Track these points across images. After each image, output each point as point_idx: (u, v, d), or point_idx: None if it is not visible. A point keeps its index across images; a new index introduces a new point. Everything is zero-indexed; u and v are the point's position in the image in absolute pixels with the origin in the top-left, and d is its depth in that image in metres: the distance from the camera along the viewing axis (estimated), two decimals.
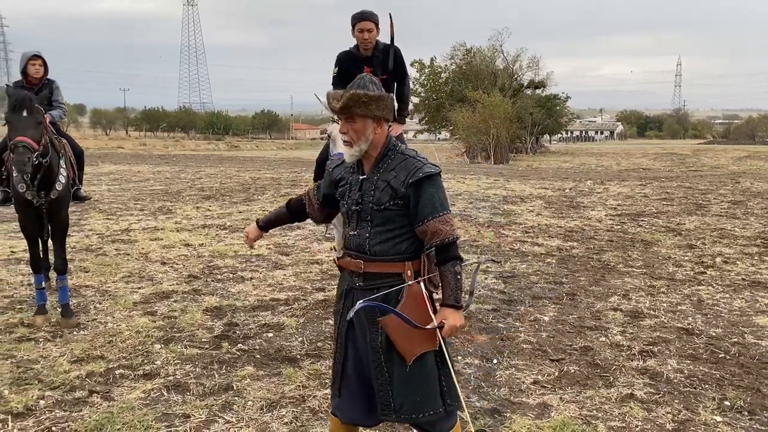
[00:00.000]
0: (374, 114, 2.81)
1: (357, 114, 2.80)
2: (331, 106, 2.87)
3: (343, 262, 2.97)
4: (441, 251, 2.81)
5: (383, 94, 2.85)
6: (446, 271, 2.81)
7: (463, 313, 2.85)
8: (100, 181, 18.35)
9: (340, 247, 3.33)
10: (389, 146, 2.91)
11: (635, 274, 7.68)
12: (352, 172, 2.96)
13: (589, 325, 5.80)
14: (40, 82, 5.93)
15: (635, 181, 19.77)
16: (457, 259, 2.84)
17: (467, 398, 4.24)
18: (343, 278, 3.01)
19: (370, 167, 2.90)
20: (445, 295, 2.82)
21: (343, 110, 2.81)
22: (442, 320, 2.79)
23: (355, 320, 2.89)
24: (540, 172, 25.39)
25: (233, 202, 13.84)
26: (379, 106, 2.82)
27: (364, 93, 2.79)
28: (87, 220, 11.05)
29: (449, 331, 2.80)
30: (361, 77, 2.89)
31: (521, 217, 12.21)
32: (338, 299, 3.04)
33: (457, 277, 2.82)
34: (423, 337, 2.77)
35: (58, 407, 4.05)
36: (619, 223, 11.55)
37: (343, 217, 3.01)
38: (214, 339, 5.33)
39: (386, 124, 2.91)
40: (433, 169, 2.85)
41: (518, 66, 50.48)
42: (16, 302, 6.24)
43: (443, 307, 2.82)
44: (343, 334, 2.97)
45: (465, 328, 5.61)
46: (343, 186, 2.98)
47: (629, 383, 4.51)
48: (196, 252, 8.66)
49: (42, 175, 5.27)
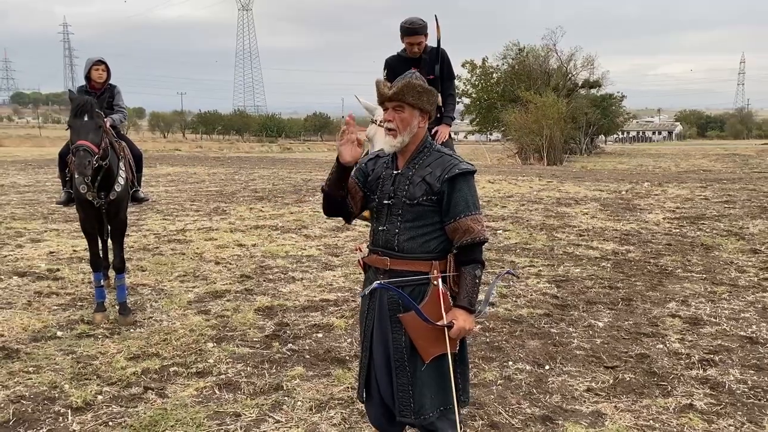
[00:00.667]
0: (423, 106, 2.82)
1: (408, 103, 2.79)
2: (382, 92, 2.85)
3: (369, 259, 2.94)
4: (467, 251, 2.79)
5: (433, 90, 2.87)
6: (466, 273, 2.80)
7: (474, 318, 2.82)
8: (158, 182, 18.88)
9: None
10: (425, 143, 2.91)
11: (695, 280, 7.42)
12: (385, 167, 2.94)
13: (645, 331, 5.62)
14: (102, 86, 6.13)
15: (695, 182, 19.12)
16: (480, 263, 2.83)
17: (518, 404, 4.17)
18: (368, 279, 2.97)
19: (404, 162, 2.89)
20: (460, 296, 2.80)
21: (396, 97, 2.80)
22: (452, 320, 2.76)
23: (378, 321, 2.89)
24: (595, 173, 24.84)
25: (285, 204, 14.02)
26: (429, 100, 2.84)
27: (419, 83, 2.80)
28: (145, 221, 11.37)
29: (457, 332, 2.76)
30: (412, 72, 2.89)
31: (575, 219, 11.96)
32: (363, 300, 3.01)
33: (476, 281, 2.81)
34: (440, 337, 2.76)
35: (115, 402, 4.16)
36: (677, 226, 11.18)
37: (372, 213, 2.97)
38: (265, 338, 5.40)
39: (428, 121, 2.90)
40: (469, 167, 2.84)
41: (572, 65, 49.56)
42: (78, 300, 6.46)
43: (455, 308, 2.79)
44: (369, 336, 2.95)
45: (516, 333, 5.53)
46: (374, 180, 2.95)
47: (688, 393, 4.35)
48: (249, 252, 8.80)
49: (102, 176, 5.45)
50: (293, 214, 12.36)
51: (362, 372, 3.01)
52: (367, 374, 2.98)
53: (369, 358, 2.96)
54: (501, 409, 4.10)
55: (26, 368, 4.68)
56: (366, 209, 3.08)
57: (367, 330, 2.96)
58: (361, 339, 3.03)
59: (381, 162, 2.98)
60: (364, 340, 3.00)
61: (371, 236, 2.97)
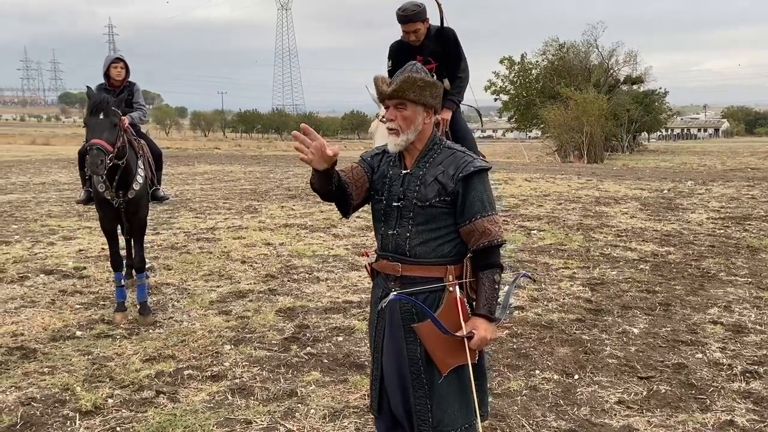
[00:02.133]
0: (427, 101, 2.61)
1: (410, 99, 2.58)
2: (380, 90, 2.64)
3: (378, 265, 2.73)
4: (484, 255, 2.59)
5: (437, 82, 2.66)
6: (485, 278, 2.60)
7: (494, 327, 2.61)
8: (195, 180, 19.03)
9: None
10: (435, 140, 2.70)
11: (739, 284, 7.02)
12: (392, 166, 2.72)
13: (684, 339, 5.30)
14: (121, 84, 6.07)
15: (742, 181, 18.39)
16: (498, 267, 2.62)
17: (543, 417, 3.93)
18: (377, 285, 2.77)
19: (413, 161, 2.68)
20: (479, 304, 2.60)
21: (396, 94, 2.59)
22: (472, 330, 2.56)
23: (390, 330, 2.69)
24: (636, 171, 24.14)
25: (316, 202, 13.91)
26: (432, 94, 2.62)
27: (420, 77, 2.59)
28: (177, 219, 11.40)
29: (478, 342, 2.57)
30: (413, 64, 2.68)
31: (614, 219, 11.55)
32: (372, 308, 2.81)
33: (495, 287, 2.61)
34: (458, 348, 2.57)
35: (125, 407, 4.07)
36: (722, 227, 10.69)
37: (377, 215, 2.74)
38: (283, 341, 5.26)
39: (434, 115, 2.69)
40: (484, 164, 2.63)
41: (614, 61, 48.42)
42: (101, 299, 6.43)
43: (475, 317, 2.60)
44: (380, 346, 2.75)
45: (546, 339, 5.27)
46: (380, 178, 2.73)
47: (729, 408, 4.03)
48: (276, 251, 8.70)
49: (120, 175, 5.38)
50: (323, 213, 12.24)
51: (374, 384, 2.82)
52: (380, 387, 2.80)
53: (381, 371, 2.77)
54: (524, 421, 3.87)
55: (41, 369, 4.63)
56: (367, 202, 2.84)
57: (378, 340, 2.77)
58: (371, 350, 2.85)
59: (386, 159, 2.76)
60: (374, 351, 2.81)
61: (379, 240, 2.75)
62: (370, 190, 2.75)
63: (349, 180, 2.70)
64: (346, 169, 2.74)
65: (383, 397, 2.79)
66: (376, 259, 2.78)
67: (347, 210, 2.77)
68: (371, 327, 2.85)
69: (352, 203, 2.73)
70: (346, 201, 2.71)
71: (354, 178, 2.71)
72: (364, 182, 2.73)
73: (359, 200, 2.75)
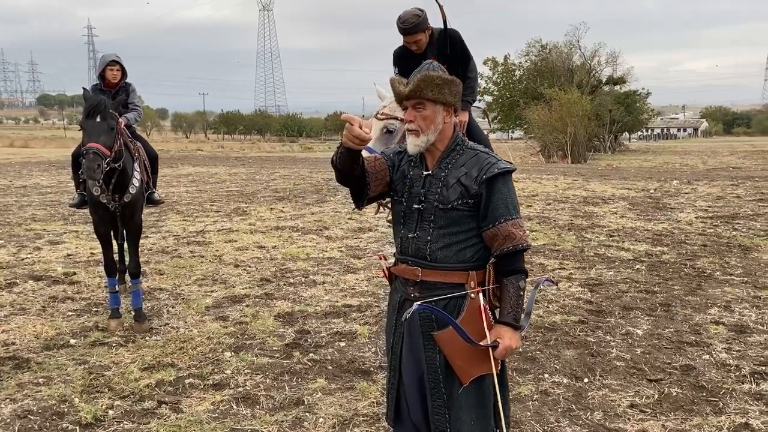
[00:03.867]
0: (446, 99, 2.52)
1: (428, 98, 2.50)
2: (397, 90, 2.56)
3: (397, 269, 2.65)
4: (508, 260, 2.51)
5: (455, 79, 2.56)
6: (509, 285, 2.51)
7: (519, 335, 2.53)
8: (179, 182, 18.79)
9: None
10: (457, 140, 2.61)
11: (735, 283, 7.03)
12: (413, 166, 2.64)
13: (688, 340, 5.27)
14: (117, 85, 5.92)
15: (725, 180, 18.55)
16: (523, 273, 2.54)
17: (557, 422, 3.87)
18: (396, 290, 2.70)
19: (434, 162, 2.59)
20: (504, 311, 2.51)
21: (414, 94, 2.51)
22: (496, 339, 2.47)
23: (408, 337, 2.61)
24: (621, 171, 24.27)
25: (306, 204, 13.80)
26: (451, 91, 2.53)
27: (437, 75, 2.50)
28: (164, 222, 11.21)
29: (503, 352, 2.48)
30: (429, 62, 2.60)
31: (604, 219, 11.57)
32: (390, 313, 2.73)
33: (520, 293, 2.52)
34: (481, 357, 2.48)
35: (127, 418, 3.94)
36: (711, 226, 10.75)
37: (397, 217, 2.66)
38: (285, 347, 5.15)
39: (454, 114, 2.60)
40: (508, 166, 2.56)
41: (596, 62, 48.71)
42: (93, 305, 6.27)
43: (499, 325, 2.51)
44: (398, 353, 2.67)
45: (551, 342, 5.22)
46: (400, 179, 2.64)
47: (742, 410, 4.00)
48: (269, 254, 8.57)
49: (116, 178, 5.23)
50: (314, 215, 12.13)
51: (391, 393, 2.73)
52: (397, 395, 2.71)
53: (398, 378, 2.68)
54: (539, 427, 3.80)
55: (36, 379, 4.48)
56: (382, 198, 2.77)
57: (396, 347, 2.68)
58: (389, 357, 2.75)
59: (407, 159, 2.67)
60: (392, 358, 2.71)
61: (398, 244, 2.66)
62: (389, 185, 2.68)
63: (371, 170, 2.63)
64: (369, 159, 2.68)
65: (401, 406, 2.71)
66: (394, 262, 2.70)
67: (362, 199, 2.69)
68: (389, 333, 2.76)
69: (368, 194, 2.66)
70: (363, 190, 2.64)
71: (376, 169, 2.64)
72: (385, 175, 2.66)
73: (375, 193, 2.68)
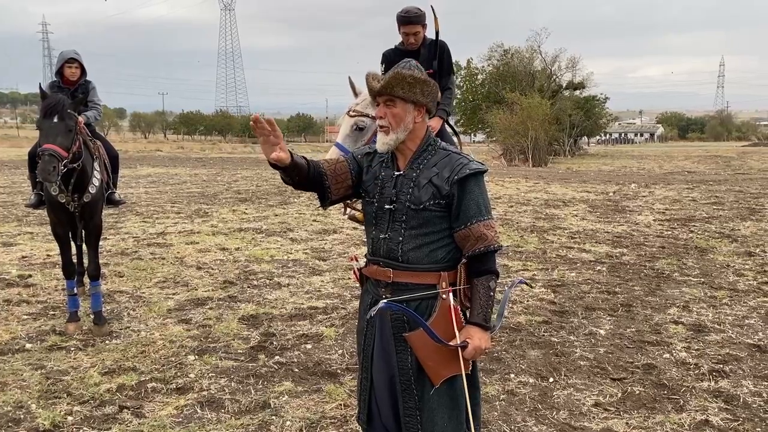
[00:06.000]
0: (417, 99, 2.51)
1: (399, 96, 2.50)
2: (370, 86, 2.56)
3: (368, 270, 2.62)
4: (480, 261, 2.51)
5: (429, 80, 2.56)
6: (479, 285, 2.51)
7: (489, 335, 2.54)
8: (138, 183, 18.42)
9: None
10: (429, 141, 2.61)
11: (693, 284, 7.21)
12: (384, 167, 2.63)
13: (649, 339, 5.38)
14: (76, 83, 5.76)
15: (681, 184, 19.06)
16: (494, 274, 2.54)
17: (524, 422, 3.90)
18: (366, 291, 2.67)
19: (406, 162, 2.59)
20: (474, 312, 2.51)
21: (385, 90, 2.50)
22: (466, 339, 2.48)
23: (380, 339, 2.59)
24: (580, 174, 24.73)
25: (269, 205, 13.67)
26: (423, 91, 2.52)
27: (410, 74, 2.50)
28: (123, 223, 10.97)
29: (472, 352, 2.48)
30: (407, 61, 2.60)
31: (565, 221, 11.76)
32: (361, 315, 2.70)
33: (490, 294, 2.52)
34: (451, 358, 2.48)
35: (87, 424, 3.82)
36: (669, 228, 11.02)
37: (368, 218, 2.65)
38: (250, 350, 5.07)
39: (427, 115, 2.60)
40: (480, 167, 2.56)
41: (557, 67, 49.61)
42: (50, 308, 6.08)
43: (469, 325, 2.51)
44: (369, 356, 2.64)
45: (516, 342, 5.26)
46: (371, 180, 2.63)
47: (702, 407, 4.09)
48: (232, 256, 8.45)
49: (75, 178, 5.09)
50: (278, 216, 12.02)
51: (363, 394, 2.70)
52: (369, 397, 2.68)
53: (370, 379, 2.66)
54: (506, 427, 3.83)
55: None
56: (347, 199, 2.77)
57: (368, 349, 2.65)
58: (360, 359, 2.72)
59: (377, 159, 2.66)
60: (364, 360, 2.69)
61: (370, 245, 2.64)
62: (353, 187, 2.67)
63: (330, 173, 2.62)
64: (331, 161, 2.67)
65: (373, 408, 2.68)
66: (365, 264, 2.68)
67: (324, 201, 2.69)
68: (360, 335, 2.73)
69: (329, 197, 2.65)
70: (324, 193, 2.64)
71: (336, 172, 2.63)
72: (346, 178, 2.64)
73: (337, 196, 2.67)
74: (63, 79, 5.75)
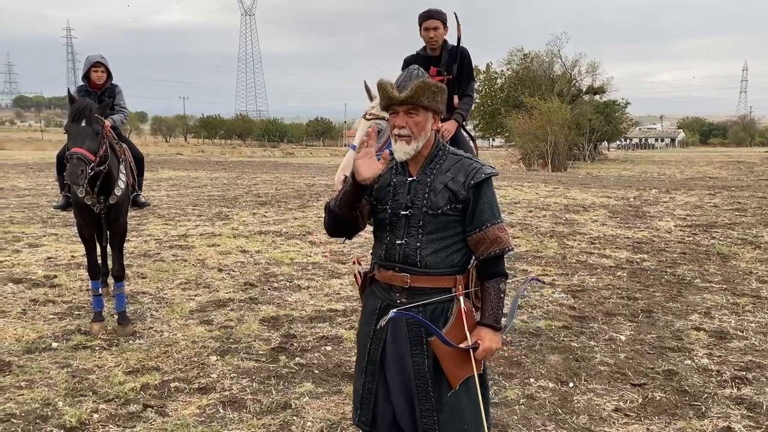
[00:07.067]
0: (438, 107, 2.57)
1: (423, 105, 2.52)
2: (391, 95, 2.54)
3: (383, 276, 2.62)
4: (492, 263, 2.55)
5: (445, 88, 2.60)
6: (490, 288, 2.55)
7: (500, 336, 2.56)
8: (160, 186, 18.63)
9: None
10: (439, 146, 2.65)
11: (715, 290, 7.15)
12: (395, 173, 2.65)
13: (670, 345, 5.35)
14: (103, 87, 5.87)
15: (703, 190, 18.85)
16: (504, 276, 2.58)
17: (543, 426, 3.90)
18: (374, 296, 2.67)
19: (418, 168, 2.61)
20: (485, 313, 2.55)
21: (410, 100, 2.51)
22: (477, 340, 2.50)
23: (393, 344, 2.60)
24: (600, 179, 24.56)
25: (288, 209, 13.76)
26: (442, 99, 2.59)
27: (433, 83, 2.54)
28: (146, 226, 11.11)
29: (483, 353, 2.51)
30: (415, 67, 2.62)
31: (585, 227, 11.69)
32: (367, 320, 2.69)
33: (501, 296, 2.56)
34: (467, 359, 2.51)
35: (112, 422, 3.89)
36: (690, 234, 10.91)
37: (381, 225, 2.64)
38: (271, 351, 5.13)
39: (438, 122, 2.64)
40: (493, 171, 2.61)
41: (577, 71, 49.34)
42: (75, 308, 6.19)
43: (480, 327, 2.54)
44: (377, 361, 2.64)
45: (536, 347, 5.26)
46: (383, 188, 2.64)
47: (724, 414, 4.07)
48: (253, 259, 8.53)
49: (101, 181, 5.18)
50: (297, 220, 12.10)
51: (367, 398, 2.69)
52: (375, 400, 2.67)
53: (377, 383, 2.66)
54: (525, 431, 3.83)
55: (18, 383, 4.41)
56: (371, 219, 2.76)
57: (374, 353, 2.65)
58: (363, 363, 2.70)
59: (387, 167, 2.67)
60: (368, 364, 2.67)
61: (383, 250, 2.63)
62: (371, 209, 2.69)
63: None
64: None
65: (378, 412, 2.67)
66: (374, 268, 2.69)
67: (352, 235, 2.75)
68: (364, 337, 2.71)
69: (360, 227, 2.70)
70: (356, 228, 2.70)
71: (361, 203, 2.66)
72: (364, 204, 2.66)
73: (365, 223, 2.72)
74: (90, 83, 5.87)
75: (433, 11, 4.96)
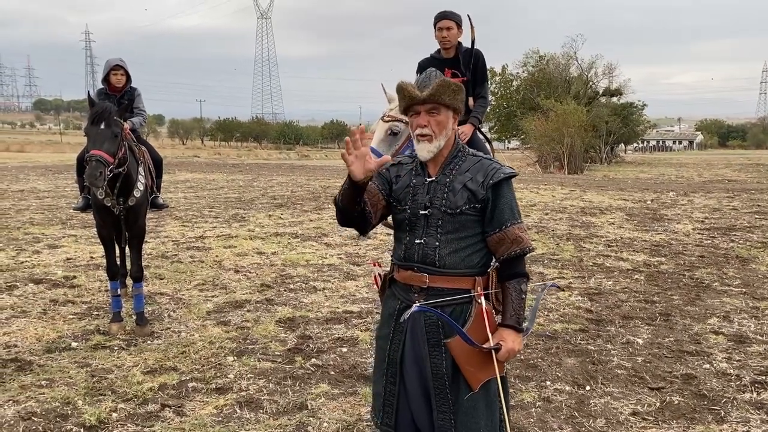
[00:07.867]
0: (458, 106, 2.59)
1: (444, 104, 2.54)
2: (412, 94, 2.56)
3: (402, 276, 2.62)
4: (512, 264, 2.55)
5: (463, 87, 2.62)
6: (511, 288, 2.55)
7: (522, 338, 2.55)
8: (177, 188, 18.79)
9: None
10: (458, 146, 2.66)
11: (734, 294, 7.07)
12: (414, 174, 2.65)
13: (688, 349, 5.30)
14: (122, 90, 5.95)
15: (721, 192, 18.66)
16: (525, 277, 2.58)
17: (560, 429, 3.88)
18: (393, 296, 2.67)
19: (437, 168, 2.62)
20: (506, 315, 2.55)
21: (432, 98, 2.53)
22: (499, 342, 2.50)
23: (411, 344, 2.60)
24: (617, 182, 24.39)
25: (304, 211, 13.82)
26: (462, 99, 2.61)
27: (453, 82, 2.56)
28: (163, 227, 11.21)
29: (506, 354, 2.50)
30: (432, 70, 2.64)
31: (602, 229, 11.62)
32: (386, 322, 2.69)
33: (522, 296, 2.55)
34: (488, 361, 2.50)
35: (131, 421, 3.93)
36: (708, 237, 10.81)
37: (401, 225, 2.64)
38: (287, 352, 5.15)
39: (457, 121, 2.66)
40: (512, 171, 2.60)
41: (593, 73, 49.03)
42: (94, 308, 6.26)
43: (502, 328, 2.54)
44: (396, 362, 2.64)
45: (552, 350, 5.24)
46: (402, 188, 2.65)
47: (744, 419, 4.03)
48: (269, 260, 8.58)
49: (120, 183, 5.25)
50: (313, 222, 12.15)
51: (390, 400, 2.68)
52: (397, 403, 2.67)
53: (399, 384, 2.65)
54: None
55: (39, 381, 4.47)
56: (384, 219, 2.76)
57: (394, 355, 2.65)
58: (383, 365, 2.69)
59: (406, 169, 2.69)
60: (389, 366, 2.66)
61: (402, 250, 2.64)
62: (386, 207, 2.69)
63: (367, 199, 2.62)
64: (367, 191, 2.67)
65: (400, 414, 2.67)
66: (394, 269, 2.69)
67: (365, 229, 2.71)
68: (384, 340, 2.70)
69: (371, 223, 2.67)
70: (367, 223, 2.66)
71: (370, 197, 2.63)
72: (379, 200, 2.65)
73: (376, 220, 2.69)
74: (109, 86, 5.94)
75: (448, 12, 5.04)
